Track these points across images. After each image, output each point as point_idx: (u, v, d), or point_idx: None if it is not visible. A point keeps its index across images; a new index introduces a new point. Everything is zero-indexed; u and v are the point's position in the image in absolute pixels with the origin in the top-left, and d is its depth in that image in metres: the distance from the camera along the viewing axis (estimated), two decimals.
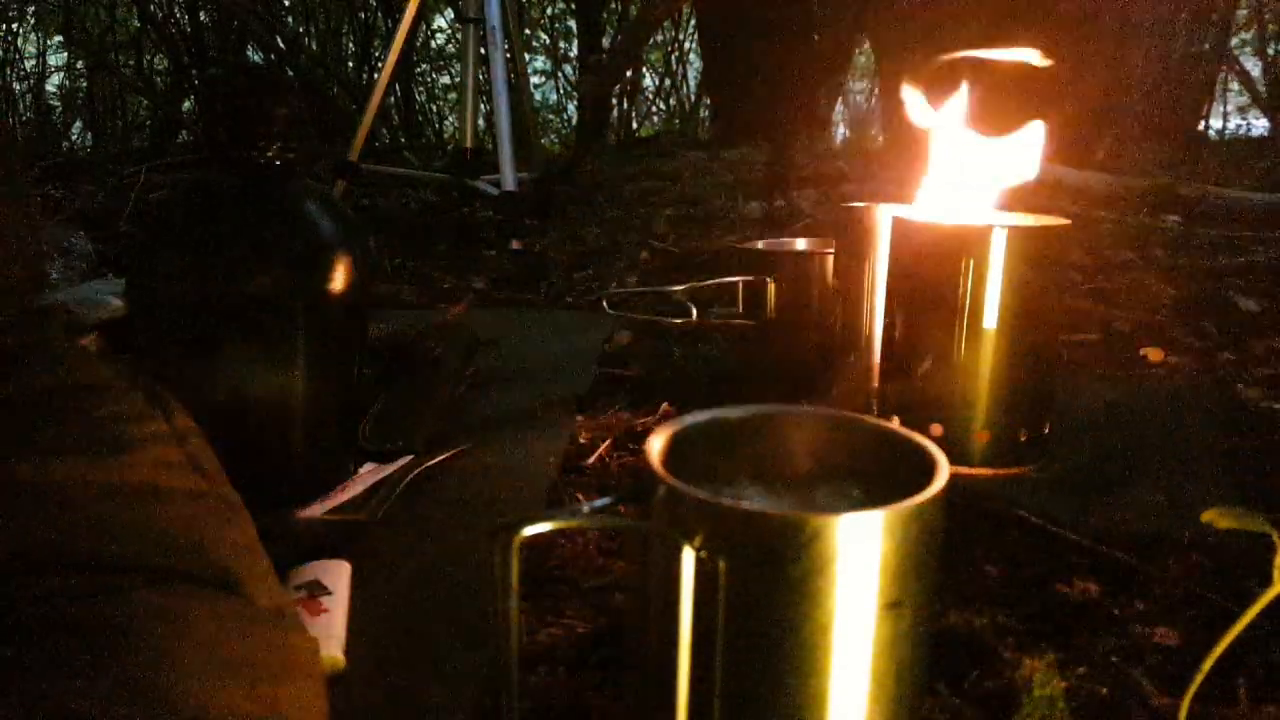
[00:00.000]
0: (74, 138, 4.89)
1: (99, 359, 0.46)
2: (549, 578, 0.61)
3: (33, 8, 4.57)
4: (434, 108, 5.15)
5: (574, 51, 5.03)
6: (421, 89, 5.01)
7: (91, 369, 0.45)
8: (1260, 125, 4.49)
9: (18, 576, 0.35)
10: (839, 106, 4.91)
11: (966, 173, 0.77)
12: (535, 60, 5.01)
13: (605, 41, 4.51)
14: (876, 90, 4.88)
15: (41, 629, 0.33)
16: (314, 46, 4.61)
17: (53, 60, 4.96)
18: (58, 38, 4.77)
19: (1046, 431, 0.77)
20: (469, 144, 2.03)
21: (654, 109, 5.39)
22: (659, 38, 4.78)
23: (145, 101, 4.90)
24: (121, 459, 0.40)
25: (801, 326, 0.93)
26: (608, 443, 0.83)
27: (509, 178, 1.77)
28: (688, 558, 0.33)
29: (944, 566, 0.36)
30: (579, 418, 0.89)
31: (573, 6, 4.87)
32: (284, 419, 0.69)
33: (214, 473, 0.44)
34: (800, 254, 0.99)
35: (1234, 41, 4.25)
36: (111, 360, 0.47)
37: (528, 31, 4.74)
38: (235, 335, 0.67)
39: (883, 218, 0.77)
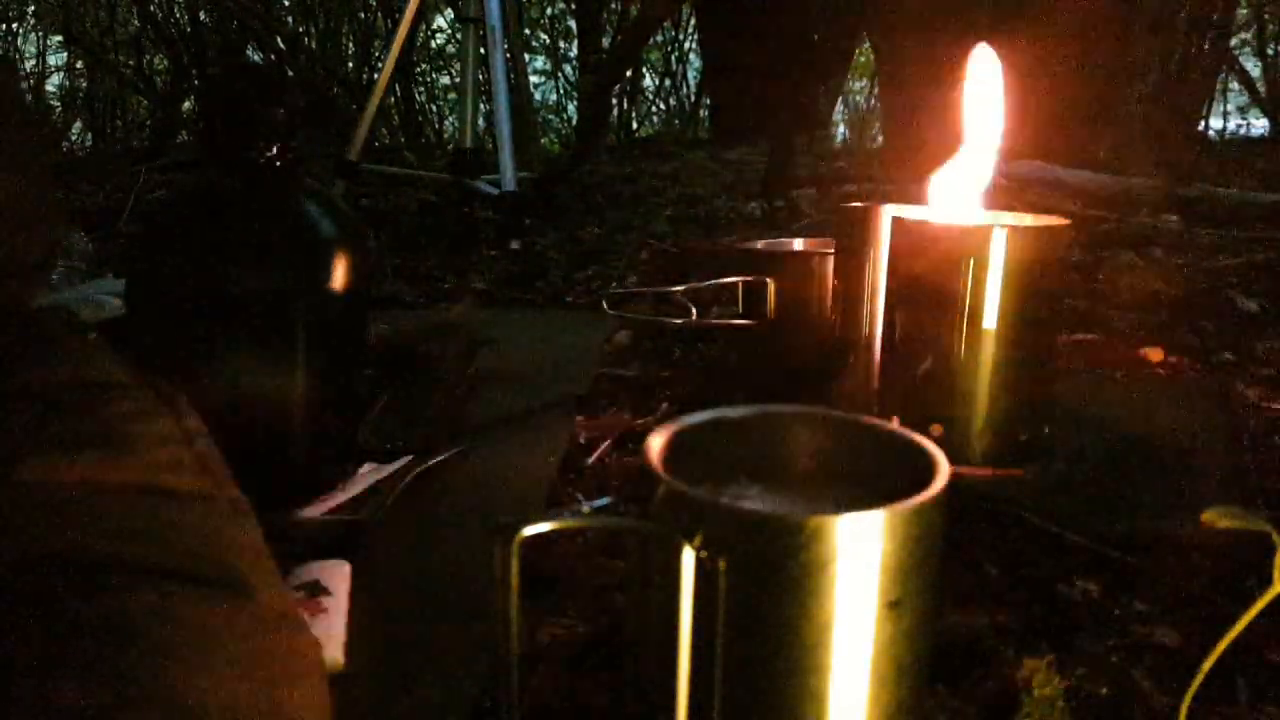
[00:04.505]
0: (74, 138, 4.89)
1: (110, 356, 0.46)
2: (549, 578, 0.61)
3: (32, 7, 4.57)
4: (434, 108, 5.15)
5: (574, 51, 5.03)
6: (421, 89, 5.01)
7: (103, 366, 0.45)
8: (1260, 125, 4.49)
9: (27, 575, 0.35)
10: (839, 106, 4.91)
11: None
12: (535, 60, 5.01)
13: (605, 41, 4.51)
14: (876, 90, 4.88)
15: (50, 629, 0.33)
16: (314, 46, 4.61)
17: (53, 60, 4.97)
18: (58, 38, 4.77)
19: (1046, 431, 0.77)
20: (469, 144, 2.03)
21: (654, 109, 5.39)
22: (659, 38, 4.78)
23: (145, 101, 4.90)
24: (131, 458, 0.40)
25: (801, 326, 0.93)
26: (608, 443, 0.83)
27: (509, 178, 1.77)
28: (688, 558, 0.33)
29: (944, 566, 0.36)
30: (579, 418, 0.89)
31: (573, 6, 4.87)
32: (284, 419, 0.69)
33: (222, 474, 0.44)
34: (800, 254, 0.99)
35: (1234, 41, 4.25)
36: (121, 358, 0.47)
37: (527, 31, 4.74)
38: (235, 335, 0.67)
39: (883, 218, 0.77)
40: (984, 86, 0.77)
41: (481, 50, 2.05)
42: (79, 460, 0.39)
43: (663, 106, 5.36)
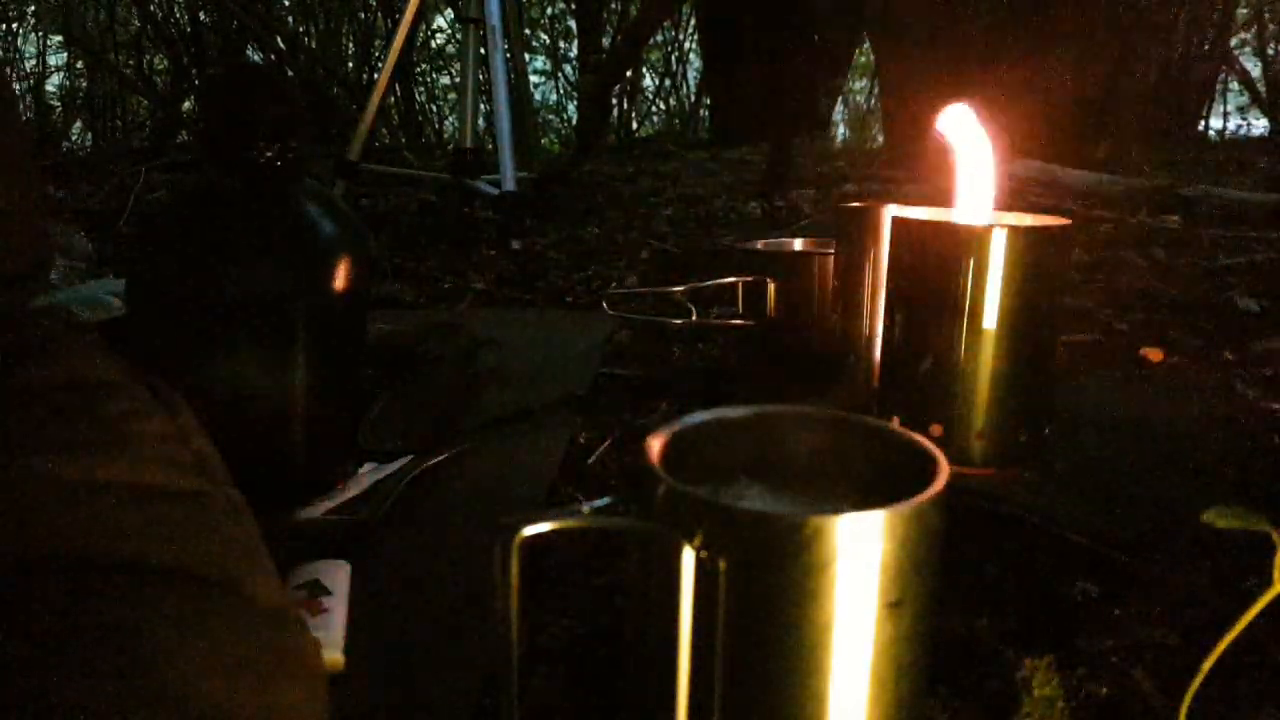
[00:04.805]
0: (74, 138, 4.89)
1: (106, 356, 0.46)
2: (549, 578, 0.61)
3: (32, 7, 4.57)
4: (434, 108, 5.15)
5: (574, 52, 5.03)
6: (421, 89, 5.01)
7: (99, 366, 0.45)
8: (1260, 125, 4.50)
9: (27, 575, 0.35)
10: (839, 106, 4.91)
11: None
12: (535, 60, 5.01)
13: (605, 41, 4.51)
14: (876, 90, 4.88)
15: (47, 627, 0.33)
16: (314, 46, 4.61)
17: (53, 60, 4.97)
18: (58, 38, 4.77)
19: (1046, 432, 0.77)
20: (469, 144, 2.03)
21: (654, 109, 5.39)
22: (659, 38, 4.78)
23: (145, 101, 4.90)
24: (129, 457, 0.40)
25: (801, 326, 0.93)
26: (608, 443, 0.83)
27: (509, 178, 1.77)
28: (688, 558, 0.33)
29: (944, 566, 0.36)
30: (579, 418, 0.89)
31: (573, 6, 4.87)
32: (284, 419, 0.69)
33: (218, 472, 0.44)
34: (800, 254, 0.99)
35: (1234, 41, 4.25)
36: (117, 357, 0.47)
37: (527, 31, 4.74)
38: (235, 335, 0.67)
39: (883, 218, 0.77)
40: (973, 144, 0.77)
41: (481, 50, 2.05)
42: (77, 459, 0.39)
43: (663, 106, 5.36)
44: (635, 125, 5.17)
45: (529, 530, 0.34)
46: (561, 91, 5.25)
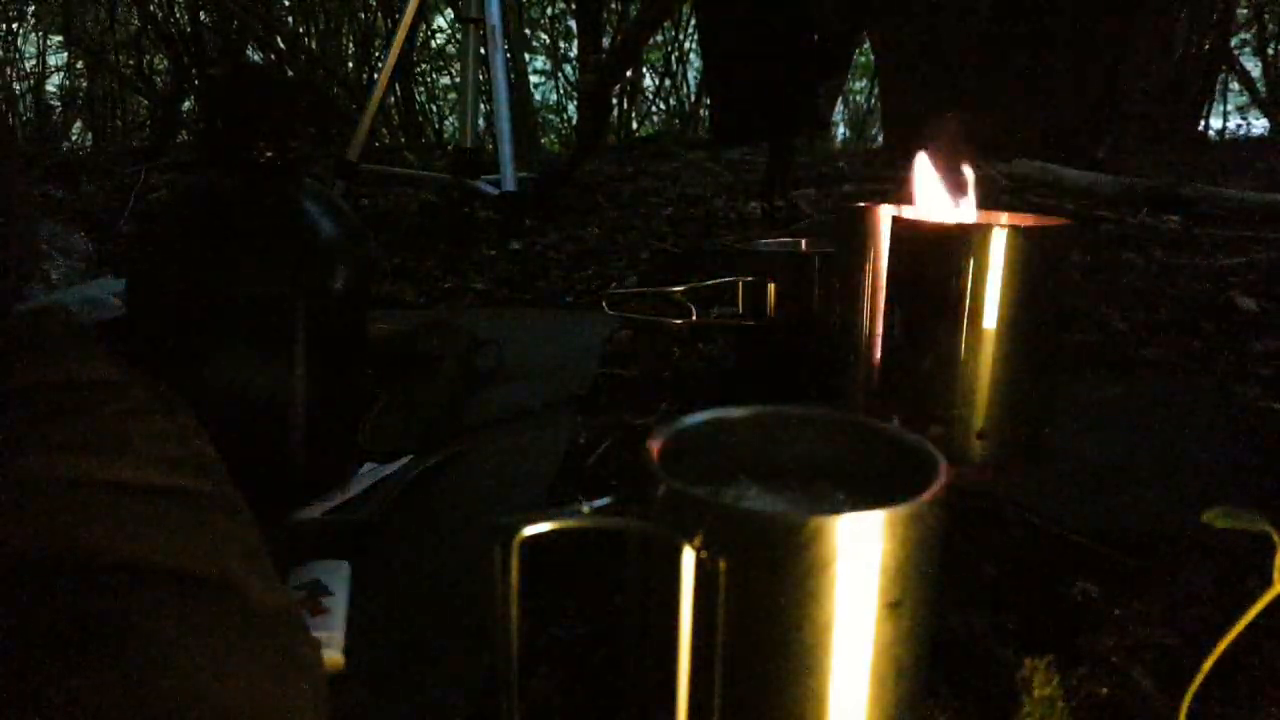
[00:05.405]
0: (74, 138, 4.89)
1: (106, 356, 0.46)
2: (549, 578, 0.61)
3: (32, 7, 4.57)
4: (434, 108, 5.15)
5: (574, 51, 5.03)
6: (421, 89, 5.01)
7: (98, 366, 0.45)
8: (1260, 125, 4.50)
9: (23, 574, 0.35)
10: (839, 106, 4.92)
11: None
12: (535, 60, 5.01)
13: (605, 41, 4.51)
14: (876, 90, 4.88)
15: (46, 627, 0.33)
16: (314, 46, 4.61)
17: (53, 60, 4.97)
18: (58, 38, 4.77)
19: (1046, 432, 0.77)
20: (469, 144, 2.03)
21: (654, 109, 5.39)
22: (659, 38, 4.78)
23: (145, 101, 4.90)
24: (128, 457, 0.40)
25: (801, 326, 0.93)
26: (608, 443, 0.83)
27: (509, 178, 1.77)
28: (688, 558, 0.33)
29: (944, 566, 0.36)
30: (579, 418, 0.89)
31: (573, 6, 4.87)
32: (284, 419, 0.69)
33: (218, 472, 0.44)
34: (800, 254, 0.99)
35: (1234, 41, 4.25)
36: (117, 357, 0.47)
37: (527, 31, 4.74)
38: (235, 335, 0.67)
39: (883, 218, 0.77)
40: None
41: (481, 50, 2.05)
42: (77, 459, 0.39)
43: (663, 106, 5.36)
44: (635, 125, 5.16)
45: (529, 530, 0.34)
46: (561, 91, 5.25)
